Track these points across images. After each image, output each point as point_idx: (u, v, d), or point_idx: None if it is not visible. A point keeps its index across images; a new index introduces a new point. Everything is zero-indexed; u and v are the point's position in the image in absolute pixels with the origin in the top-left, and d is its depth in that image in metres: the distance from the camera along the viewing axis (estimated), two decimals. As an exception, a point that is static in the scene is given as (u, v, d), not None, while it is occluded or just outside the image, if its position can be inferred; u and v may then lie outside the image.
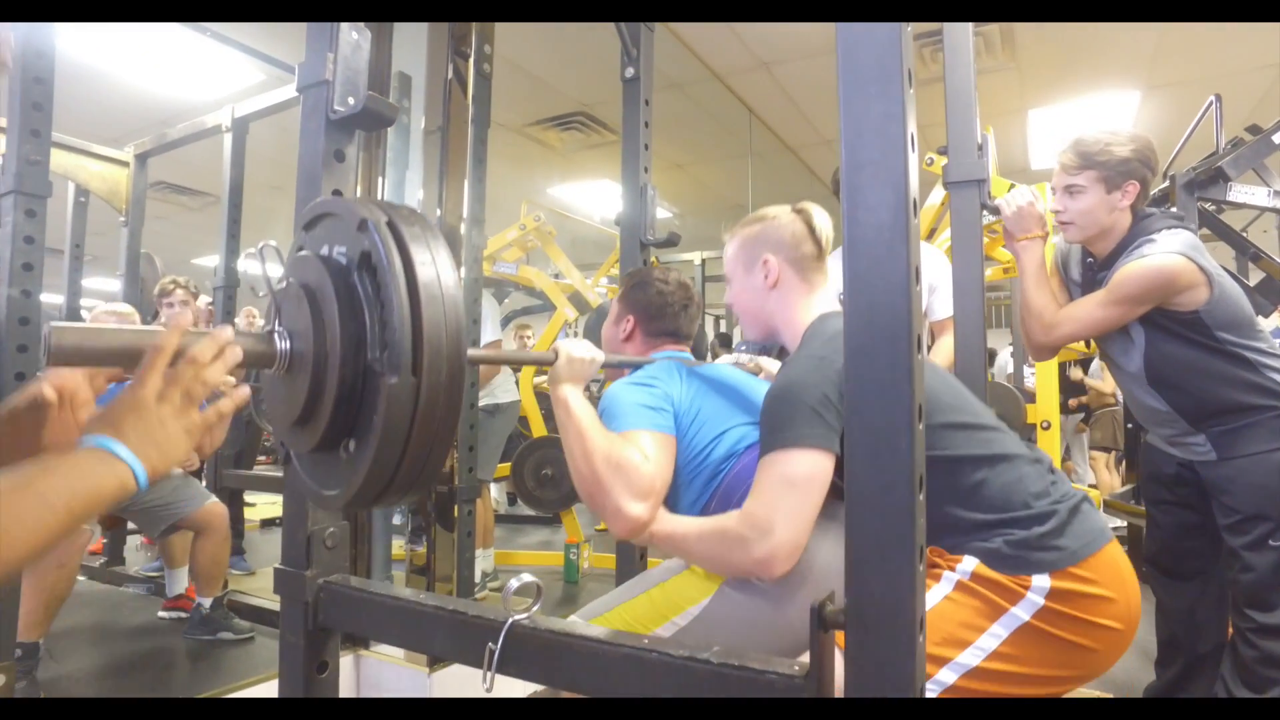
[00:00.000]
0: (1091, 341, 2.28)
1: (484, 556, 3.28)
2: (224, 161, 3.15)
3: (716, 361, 1.64)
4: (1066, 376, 5.22)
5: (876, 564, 0.67)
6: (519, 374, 3.98)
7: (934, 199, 3.02)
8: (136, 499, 2.63)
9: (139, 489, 0.67)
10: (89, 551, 3.39)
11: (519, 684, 0.97)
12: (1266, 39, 3.89)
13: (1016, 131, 5.42)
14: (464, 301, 0.84)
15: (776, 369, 1.51)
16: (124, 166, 3.53)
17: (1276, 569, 1.58)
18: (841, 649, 0.70)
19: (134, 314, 2.83)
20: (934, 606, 1.05)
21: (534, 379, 4.16)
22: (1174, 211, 1.85)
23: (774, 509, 1.04)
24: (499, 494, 5.32)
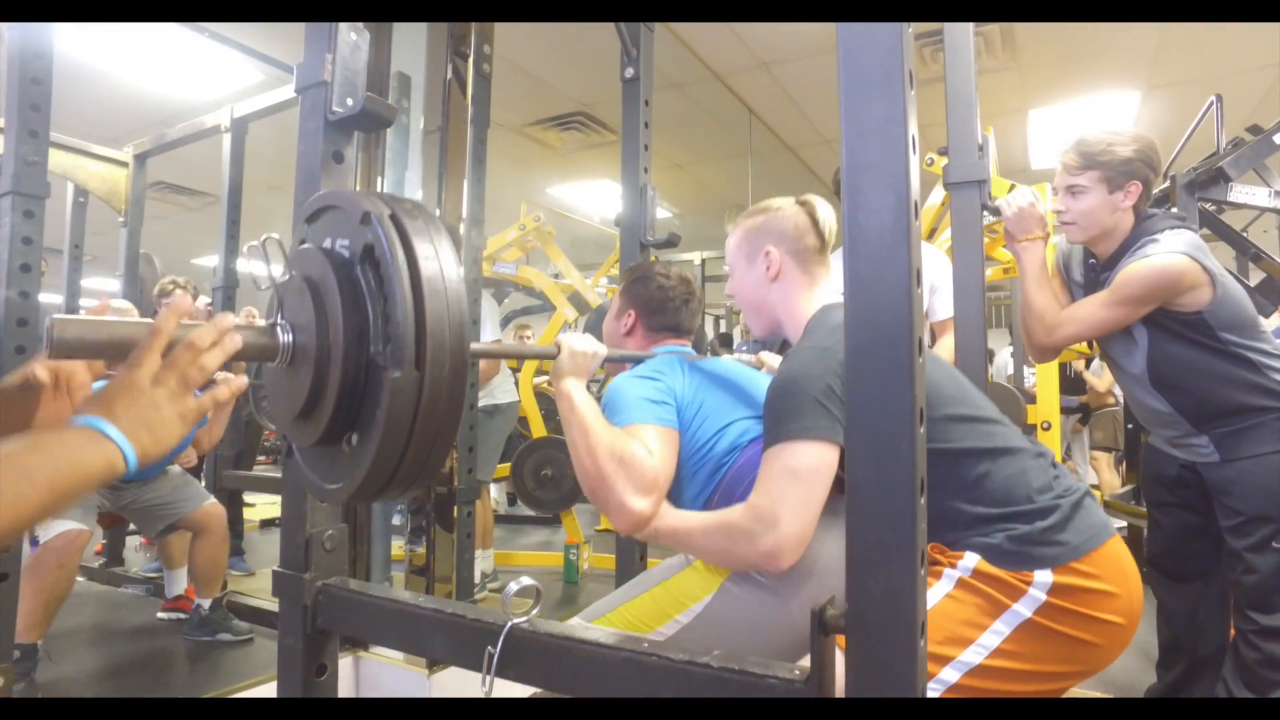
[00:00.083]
0: (1094, 343, 2.28)
1: (484, 557, 3.28)
2: (223, 161, 3.15)
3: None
4: (1067, 376, 5.21)
5: (878, 568, 0.66)
6: (518, 374, 3.97)
7: (934, 199, 3.01)
8: (137, 497, 2.63)
9: (128, 471, 0.66)
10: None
11: (519, 684, 0.97)
12: (1267, 39, 3.88)
13: (1017, 131, 5.41)
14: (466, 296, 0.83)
15: (778, 363, 1.50)
16: (123, 166, 3.52)
17: (1279, 571, 1.57)
18: (842, 649, 0.70)
19: (133, 309, 2.82)
20: (935, 605, 1.05)
21: (533, 379, 4.15)
22: (1176, 212, 1.84)
23: (779, 501, 1.04)
24: (499, 494, 5.32)
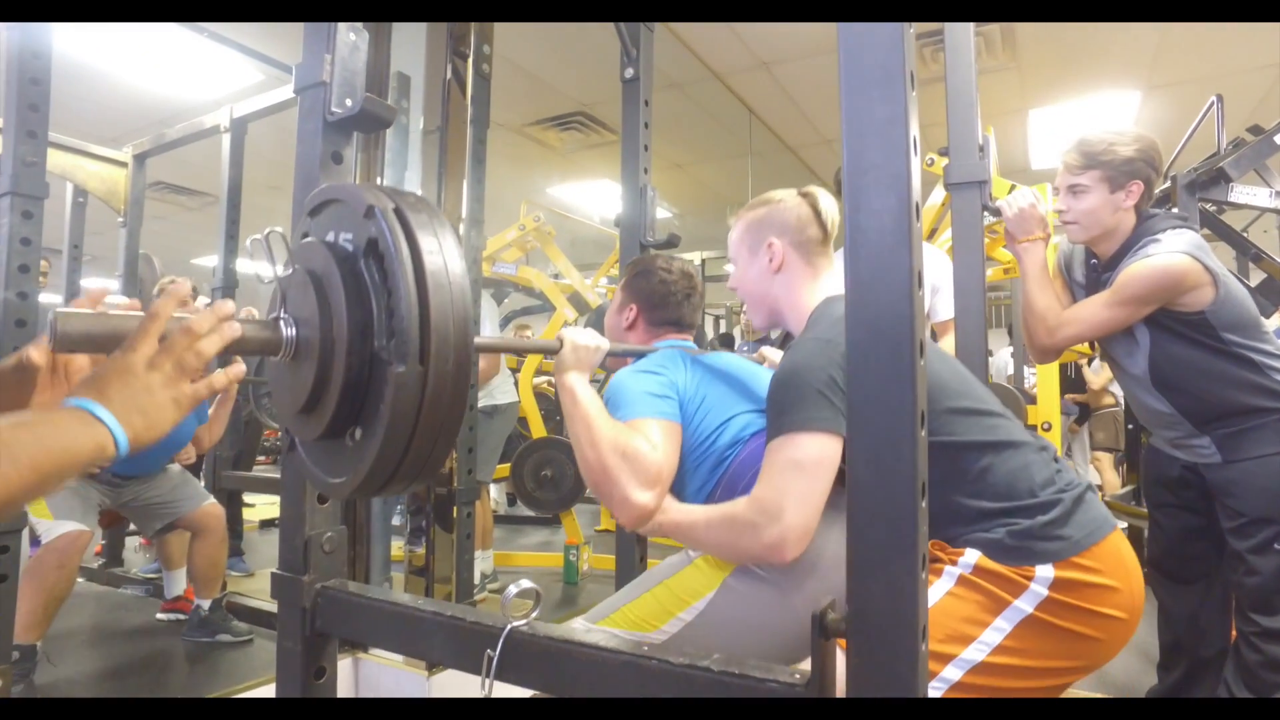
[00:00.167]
0: (1095, 343, 2.27)
1: (483, 558, 3.28)
2: (222, 161, 3.14)
3: None
4: (1068, 376, 5.21)
5: (879, 571, 0.66)
6: (518, 375, 3.97)
7: (934, 199, 3.01)
8: (137, 495, 2.63)
9: (118, 454, 0.65)
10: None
11: (519, 687, 0.96)
12: (1268, 39, 3.88)
13: (1017, 131, 5.41)
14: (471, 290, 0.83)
15: (779, 357, 1.50)
16: (122, 167, 3.52)
17: (1280, 572, 1.57)
18: (843, 649, 0.69)
19: (136, 304, 2.82)
20: (937, 603, 1.04)
21: (533, 380, 4.15)
22: (1178, 212, 1.84)
23: (783, 493, 1.04)
24: (498, 495, 5.31)
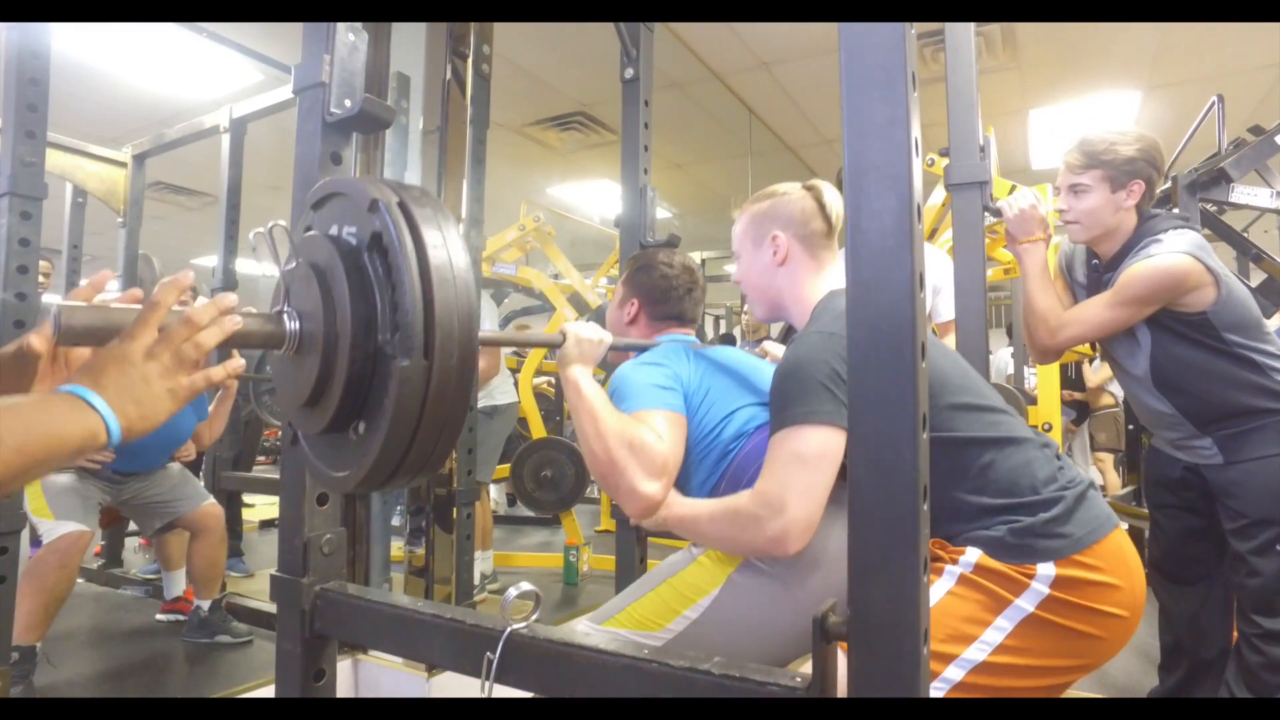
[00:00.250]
0: (1096, 344, 2.27)
1: (483, 558, 3.27)
2: (222, 162, 3.14)
3: None
4: (1068, 375, 5.20)
5: (880, 574, 0.66)
6: (518, 375, 3.97)
7: (935, 199, 3.01)
8: (138, 493, 2.62)
9: (110, 442, 0.65)
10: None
11: (518, 690, 0.96)
12: (1268, 39, 3.88)
13: (1017, 131, 5.40)
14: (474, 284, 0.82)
15: (781, 352, 1.50)
16: (122, 167, 3.51)
17: (1282, 574, 1.57)
18: (844, 650, 0.69)
19: (138, 294, 2.81)
20: (937, 603, 1.04)
21: (533, 380, 4.15)
22: (1179, 212, 1.83)
23: (786, 486, 1.03)
24: (498, 495, 5.31)
